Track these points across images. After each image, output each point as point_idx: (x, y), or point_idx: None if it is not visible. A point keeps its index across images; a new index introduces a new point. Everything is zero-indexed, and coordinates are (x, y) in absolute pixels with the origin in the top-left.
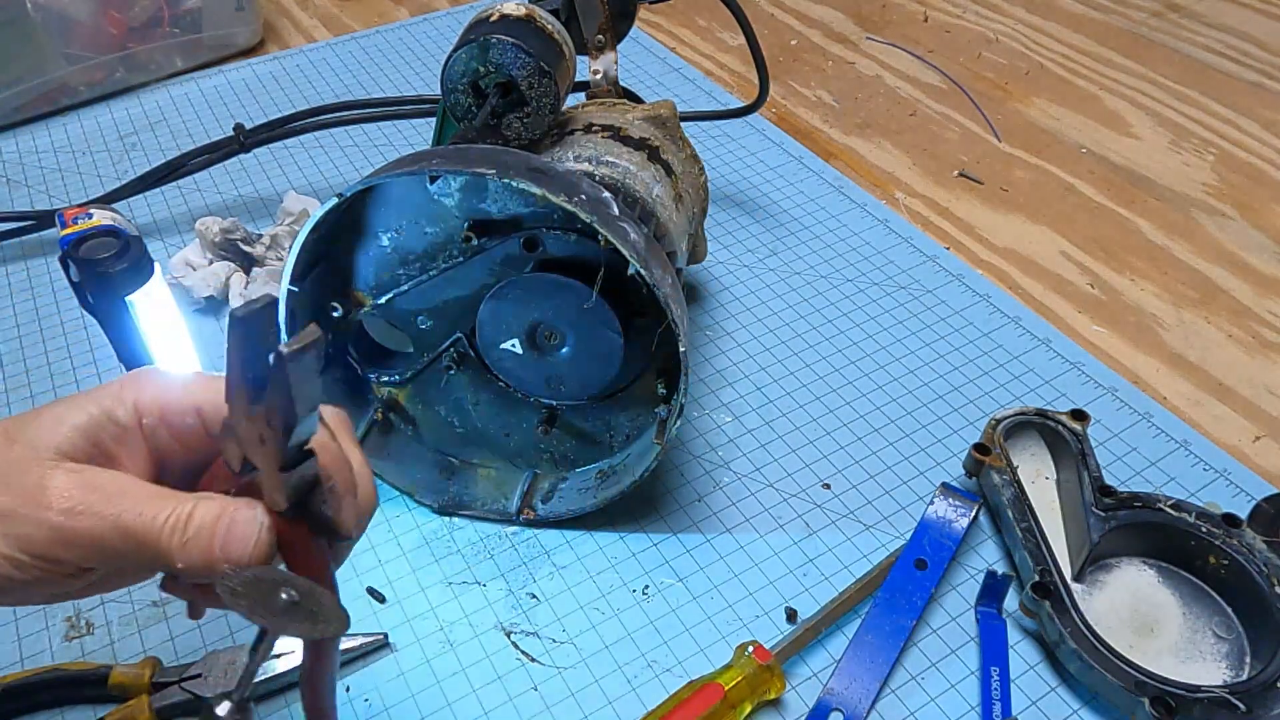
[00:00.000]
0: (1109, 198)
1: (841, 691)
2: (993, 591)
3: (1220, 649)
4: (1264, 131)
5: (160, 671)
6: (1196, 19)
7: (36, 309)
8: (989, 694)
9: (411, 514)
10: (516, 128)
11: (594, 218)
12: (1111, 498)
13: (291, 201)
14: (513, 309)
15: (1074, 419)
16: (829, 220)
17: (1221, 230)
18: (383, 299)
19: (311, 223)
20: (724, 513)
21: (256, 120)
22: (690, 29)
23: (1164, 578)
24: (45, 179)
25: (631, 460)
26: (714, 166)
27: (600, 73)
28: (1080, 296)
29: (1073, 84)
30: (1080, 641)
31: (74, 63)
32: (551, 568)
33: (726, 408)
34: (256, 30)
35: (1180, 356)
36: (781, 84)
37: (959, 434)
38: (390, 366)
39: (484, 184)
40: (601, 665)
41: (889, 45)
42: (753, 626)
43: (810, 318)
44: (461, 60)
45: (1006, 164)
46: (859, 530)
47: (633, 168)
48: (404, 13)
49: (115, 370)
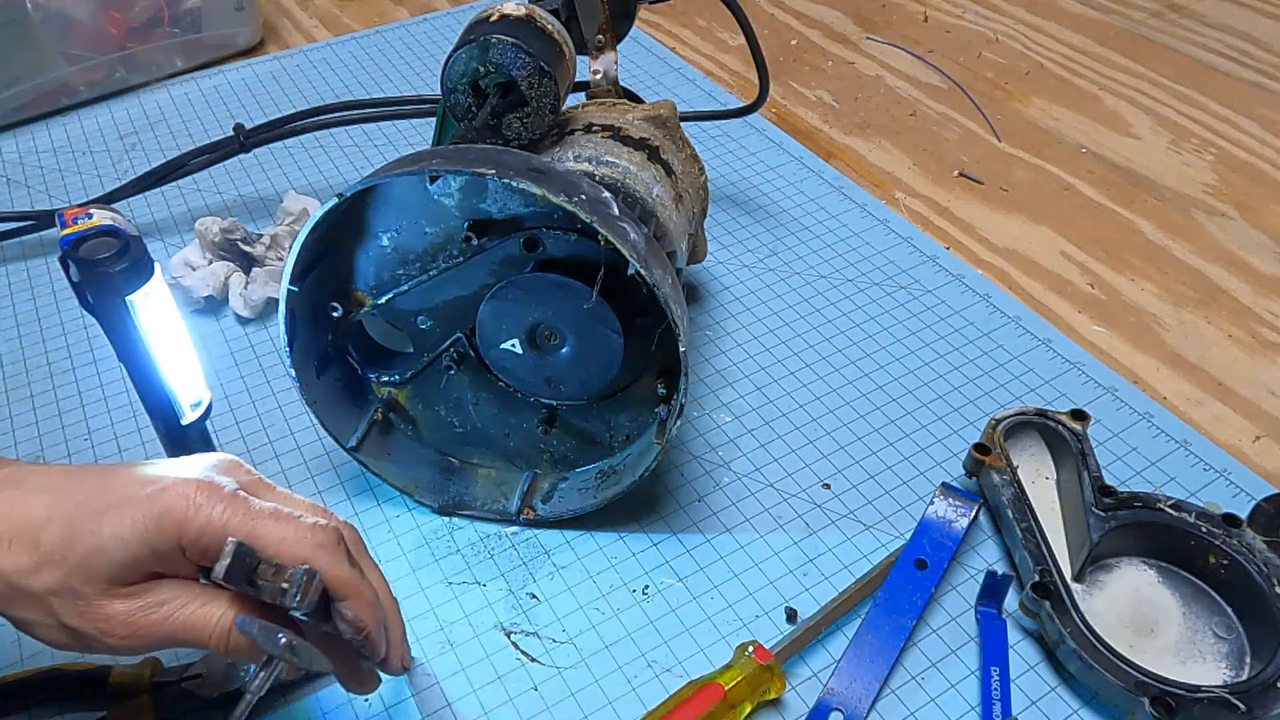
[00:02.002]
0: (1109, 198)
1: (841, 691)
2: (993, 591)
3: (1220, 649)
4: (1264, 131)
5: (160, 671)
6: (1196, 19)
7: (36, 309)
8: (989, 694)
9: (411, 514)
10: (516, 128)
11: (594, 218)
12: (1111, 498)
13: (291, 201)
14: (513, 309)
15: (1074, 419)
16: (829, 220)
17: (1221, 230)
18: (383, 299)
19: (311, 223)
20: (724, 513)
21: (256, 120)
22: (690, 29)
23: (1164, 578)
24: (45, 179)
25: (631, 460)
26: (714, 166)
27: (600, 73)
28: (1080, 296)
29: (1073, 84)
30: (1080, 641)
31: (74, 63)
32: (551, 568)
33: (726, 408)
34: (256, 30)
35: (1180, 356)
36: (781, 84)
37: (959, 434)
38: (390, 366)
39: (484, 184)
40: (601, 665)
41: (889, 45)
42: (753, 626)
43: (810, 318)
44: (461, 60)
45: (1006, 164)
46: (859, 530)
47: (633, 168)
48: (404, 13)
49: (115, 370)
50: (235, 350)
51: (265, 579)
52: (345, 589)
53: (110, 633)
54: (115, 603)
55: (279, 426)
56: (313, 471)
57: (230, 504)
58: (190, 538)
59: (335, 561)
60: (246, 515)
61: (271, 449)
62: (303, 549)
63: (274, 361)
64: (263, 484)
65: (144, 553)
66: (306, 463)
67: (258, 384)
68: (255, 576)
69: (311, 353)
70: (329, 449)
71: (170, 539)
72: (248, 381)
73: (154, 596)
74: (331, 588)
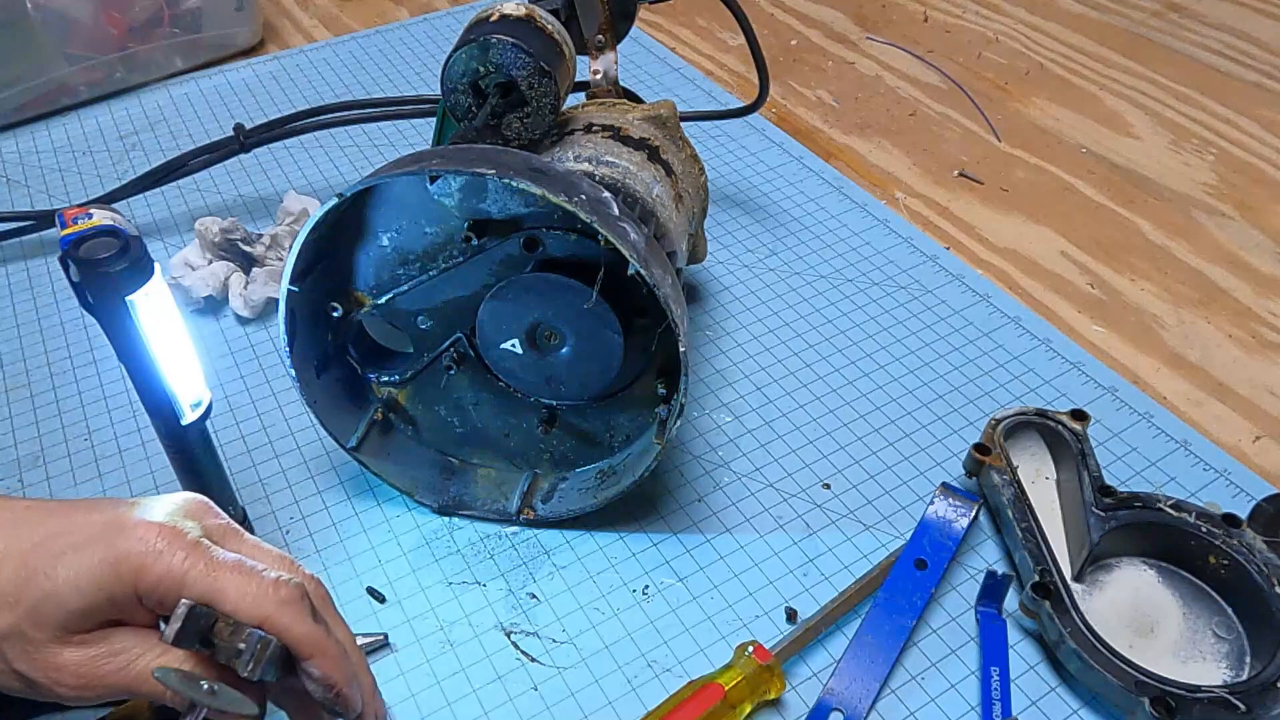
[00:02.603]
0: (1109, 198)
1: (841, 691)
2: (993, 591)
3: (1220, 649)
4: (1264, 131)
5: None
6: (1196, 19)
7: (36, 309)
8: (989, 694)
9: (411, 514)
10: (516, 128)
11: (594, 218)
12: (1111, 498)
13: (291, 201)
14: (513, 309)
15: (1074, 419)
16: (829, 220)
17: (1221, 230)
18: (383, 299)
19: (311, 223)
20: (724, 513)
21: (256, 120)
22: (690, 29)
23: (1164, 578)
24: (45, 179)
25: (631, 460)
26: (714, 166)
27: (600, 73)
28: (1080, 296)
29: (1073, 84)
30: (1080, 641)
31: (74, 63)
32: (551, 568)
33: (726, 408)
34: (256, 30)
35: (1180, 356)
36: (781, 84)
37: (959, 434)
38: (390, 366)
39: (484, 184)
40: (601, 665)
41: (889, 45)
42: (753, 626)
43: (810, 318)
44: (461, 60)
45: (1006, 164)
46: (859, 530)
47: (633, 168)
48: (404, 13)
49: (115, 370)
50: (235, 350)
51: (222, 638)
52: (310, 648)
53: (61, 682)
54: (67, 651)
55: (279, 426)
56: (313, 471)
57: (192, 553)
58: (147, 586)
59: (298, 619)
60: (208, 566)
61: (271, 449)
62: (264, 606)
63: (274, 361)
64: (230, 530)
65: (100, 600)
66: (306, 463)
67: (258, 384)
68: (212, 635)
69: (311, 353)
70: (329, 449)
71: (127, 586)
72: (248, 381)
73: (108, 646)
74: (294, 646)
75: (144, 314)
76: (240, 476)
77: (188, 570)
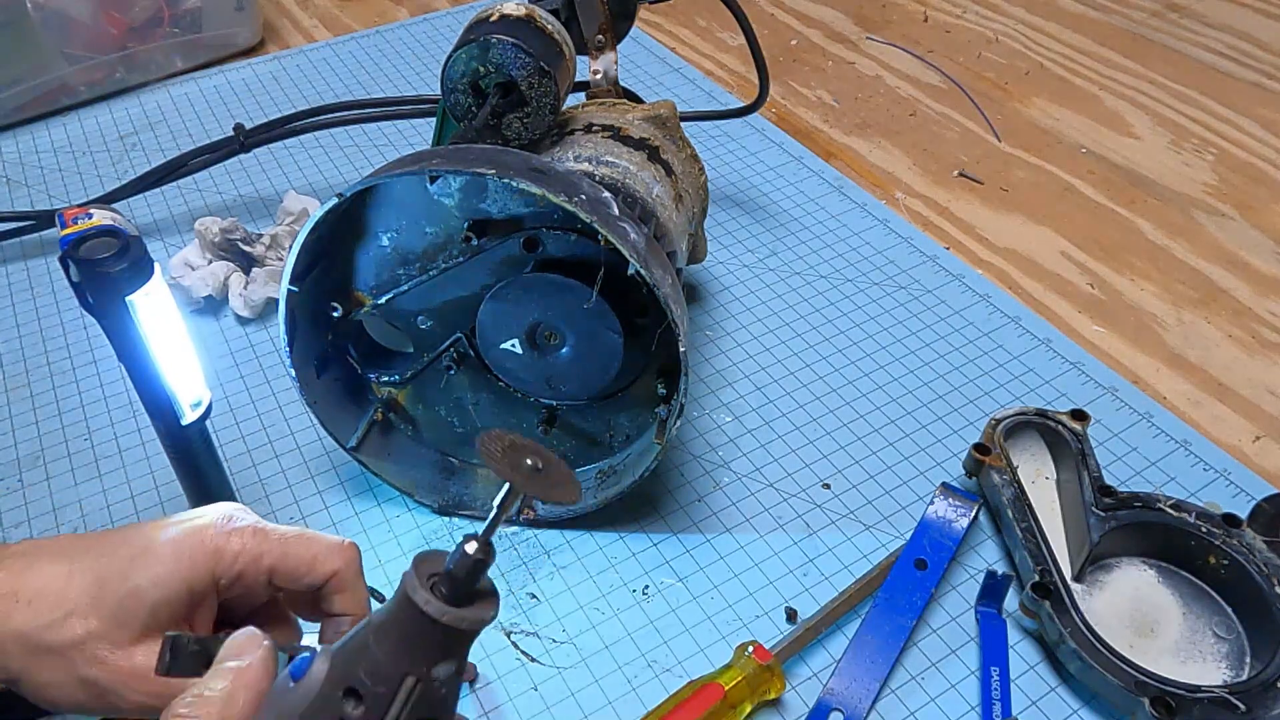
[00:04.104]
0: (1109, 198)
1: (841, 691)
2: (993, 591)
3: (1220, 649)
4: (1264, 131)
5: None
6: (1196, 19)
7: (36, 309)
8: (989, 694)
9: (411, 514)
10: (516, 128)
11: (594, 218)
12: (1111, 498)
13: (291, 201)
14: (513, 309)
15: (1074, 419)
16: (829, 220)
17: (1221, 230)
18: (383, 299)
19: (311, 223)
20: (724, 513)
21: (256, 120)
22: (690, 29)
23: (1164, 578)
24: (45, 179)
25: (631, 460)
26: (714, 166)
27: (600, 73)
28: (1080, 296)
29: (1073, 84)
30: (1080, 641)
31: (74, 63)
32: (551, 568)
33: (726, 408)
34: (256, 30)
35: (1180, 356)
36: (781, 84)
37: (959, 434)
38: (390, 366)
39: (484, 184)
40: (601, 665)
41: (889, 45)
42: (753, 626)
43: (810, 318)
44: (461, 60)
45: (1006, 164)
46: (859, 530)
47: (633, 168)
48: (404, 13)
49: (115, 370)
50: (235, 350)
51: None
52: (362, 607)
53: (132, 687)
54: (140, 655)
55: (279, 426)
56: (313, 471)
57: (258, 529)
58: (225, 565)
59: (360, 578)
60: (278, 537)
61: (271, 449)
62: (334, 561)
63: (274, 361)
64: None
65: (180, 591)
66: (306, 463)
67: (258, 384)
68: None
69: (311, 353)
70: (329, 449)
71: (204, 572)
72: (248, 381)
73: None
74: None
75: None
76: (240, 476)
77: (260, 542)
